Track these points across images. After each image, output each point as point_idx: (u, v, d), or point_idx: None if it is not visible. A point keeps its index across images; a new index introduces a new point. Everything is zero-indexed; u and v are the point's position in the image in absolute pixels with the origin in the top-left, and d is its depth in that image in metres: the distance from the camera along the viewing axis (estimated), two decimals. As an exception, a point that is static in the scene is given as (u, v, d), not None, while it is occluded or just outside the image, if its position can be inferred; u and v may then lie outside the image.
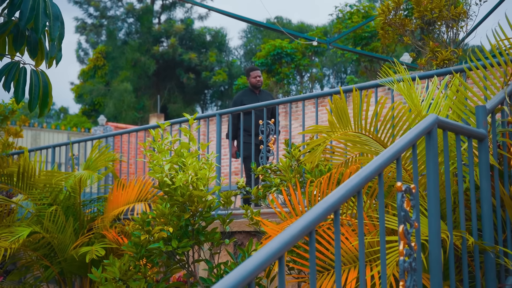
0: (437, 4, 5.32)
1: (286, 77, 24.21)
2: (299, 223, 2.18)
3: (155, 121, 23.17)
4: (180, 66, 33.85)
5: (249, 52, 36.67)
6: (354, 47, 19.68)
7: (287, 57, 23.61)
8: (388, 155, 2.69)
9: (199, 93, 36.15)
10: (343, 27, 21.27)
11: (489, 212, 3.50)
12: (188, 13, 35.40)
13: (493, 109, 3.71)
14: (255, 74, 8.30)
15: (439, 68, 5.33)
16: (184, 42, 34.74)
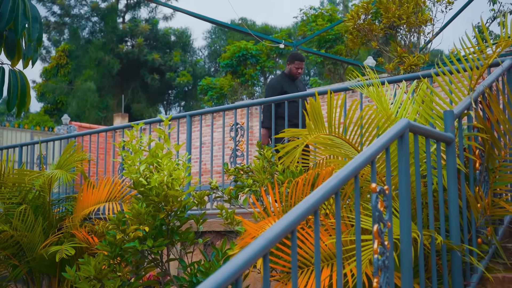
0: (405, 11, 5.48)
1: (250, 79, 24.33)
2: (282, 222, 2.28)
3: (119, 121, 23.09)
4: (144, 66, 33.76)
5: (214, 53, 36.74)
6: (318, 49, 19.87)
7: (252, 59, 23.73)
8: (363, 158, 2.81)
9: (162, 93, 36.09)
10: (308, 29, 21.47)
11: (455, 213, 3.65)
12: (153, 13, 35.34)
13: (460, 114, 3.86)
14: (299, 65, 7.75)
15: (406, 73, 5.48)
16: (149, 42, 34.65)
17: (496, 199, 4.01)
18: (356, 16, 5.71)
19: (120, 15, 35.69)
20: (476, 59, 4.24)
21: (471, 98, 4.04)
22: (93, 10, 34.65)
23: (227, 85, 24.70)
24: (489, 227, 4.07)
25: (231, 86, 24.56)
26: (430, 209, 3.48)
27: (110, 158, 10.44)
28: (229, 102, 24.57)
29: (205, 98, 26.07)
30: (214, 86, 25.55)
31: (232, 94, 24.89)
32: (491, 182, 4.12)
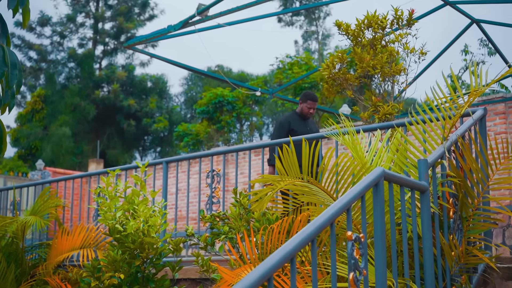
0: (379, 61, 5.58)
1: (227, 125, 24.42)
2: (259, 269, 2.29)
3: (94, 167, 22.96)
4: (120, 112, 33.77)
5: (190, 99, 36.89)
6: (294, 97, 20.05)
7: (228, 105, 23.86)
8: (339, 205, 2.85)
9: (138, 139, 36.04)
10: (284, 77, 21.68)
11: (430, 261, 3.68)
12: (129, 59, 35.50)
13: (433, 162, 3.92)
14: (312, 105, 7.30)
15: (381, 122, 5.57)
16: (125, 88, 34.73)
17: (470, 247, 4.05)
18: (331, 66, 5.81)
19: (97, 61, 35.81)
20: (449, 108, 4.33)
21: (444, 147, 4.11)
22: (70, 56, 34.73)
23: (203, 131, 24.75)
24: (463, 275, 4.10)
25: (207, 132, 24.62)
26: (405, 257, 3.51)
27: (85, 204, 10.37)
28: (205, 148, 24.59)
29: (181, 144, 26.07)
30: (190, 132, 25.59)
31: (208, 140, 24.93)
32: (465, 230, 4.17)
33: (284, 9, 31.91)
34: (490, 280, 4.54)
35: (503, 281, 4.56)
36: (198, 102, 25.19)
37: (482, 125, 4.90)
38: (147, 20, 35.64)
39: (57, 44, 35.21)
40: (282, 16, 35.34)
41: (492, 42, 10.76)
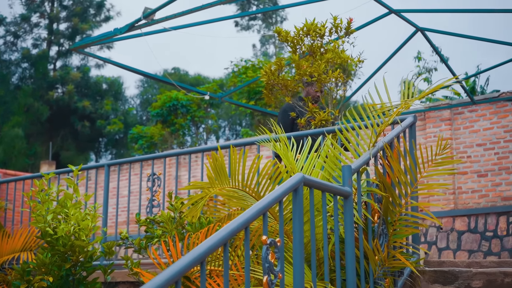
0: (316, 69, 5.69)
1: (181, 128, 24.40)
2: (165, 273, 2.35)
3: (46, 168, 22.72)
4: (75, 114, 33.46)
5: (146, 102, 36.73)
6: (248, 101, 20.17)
7: (183, 108, 23.85)
8: (254, 210, 2.92)
9: (93, 141, 35.75)
10: (238, 81, 21.78)
11: (352, 265, 3.78)
12: (84, 60, 35.20)
13: (358, 168, 4.03)
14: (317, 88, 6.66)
15: (317, 128, 5.67)
16: (80, 89, 34.42)
17: (393, 251, 4.17)
18: (269, 72, 5.90)
19: (52, 62, 35.41)
20: (377, 116, 4.45)
21: (370, 154, 4.22)
22: (24, 56, 34.30)
23: (157, 134, 24.69)
24: (388, 278, 4.22)
25: (161, 135, 24.56)
26: (326, 260, 3.61)
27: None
28: (159, 151, 24.53)
29: (136, 147, 25.96)
30: (145, 135, 25.50)
31: (162, 143, 24.88)
32: (390, 235, 4.29)
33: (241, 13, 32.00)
34: (416, 283, 4.68)
35: (429, 284, 4.70)
36: (153, 105, 25.12)
37: (412, 132, 5.04)
38: (103, 22, 35.39)
39: (11, 44, 34.74)
40: (239, 20, 35.45)
41: (437, 51, 11.00)
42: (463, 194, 12.14)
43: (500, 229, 11.43)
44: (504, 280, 4.46)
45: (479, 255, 11.44)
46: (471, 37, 10.74)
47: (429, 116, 12.62)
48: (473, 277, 4.58)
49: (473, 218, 11.80)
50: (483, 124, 12.12)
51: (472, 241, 11.65)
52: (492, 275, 4.53)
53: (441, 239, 12.04)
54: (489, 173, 11.93)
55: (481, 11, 10.39)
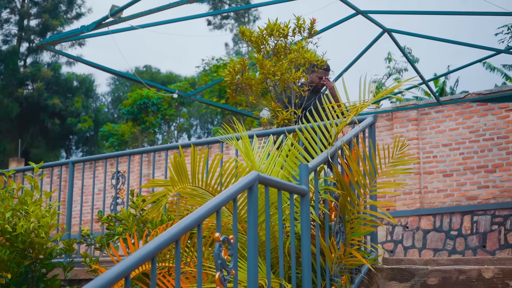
0: (279, 68, 5.75)
1: (152, 126, 24.35)
2: (114, 270, 2.39)
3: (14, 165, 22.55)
4: (45, 111, 33.19)
5: (117, 100, 36.56)
6: (219, 99, 20.20)
7: (153, 107, 23.80)
8: (208, 208, 2.97)
9: (63, 139, 35.48)
10: (209, 79, 21.79)
11: (308, 262, 3.84)
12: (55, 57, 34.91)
13: (315, 167, 4.09)
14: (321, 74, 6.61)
15: (280, 127, 5.73)
16: (51, 86, 34.14)
17: (349, 249, 4.24)
18: (233, 72, 5.95)
19: (22, 58, 35.06)
20: (336, 116, 4.52)
21: (327, 153, 4.29)
22: (-7, 52, 33.95)
23: (128, 132, 24.62)
24: (344, 275, 4.29)
25: (132, 133, 24.49)
26: (281, 257, 3.66)
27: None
28: (130, 148, 24.45)
29: (106, 144, 25.86)
30: (116, 133, 25.41)
31: (133, 141, 24.82)
32: (347, 233, 4.36)
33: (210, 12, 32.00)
34: (374, 281, 4.76)
35: (386, 281, 4.78)
36: (123, 103, 25.04)
37: (372, 132, 5.12)
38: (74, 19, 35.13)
39: (-20, 40, 34.37)
40: (211, 19, 35.42)
41: (403, 52, 11.12)
42: (429, 193, 12.30)
43: (465, 228, 11.61)
44: (459, 277, 4.56)
45: (443, 254, 11.61)
46: (438, 39, 10.88)
47: (396, 116, 12.77)
48: (429, 274, 4.67)
49: (438, 217, 11.96)
50: (449, 125, 12.30)
51: (437, 240, 11.82)
52: (448, 272, 4.62)
53: (407, 238, 12.19)
54: (454, 173, 12.10)
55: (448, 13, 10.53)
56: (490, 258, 5.13)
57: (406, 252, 12.05)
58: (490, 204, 11.49)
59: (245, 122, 20.13)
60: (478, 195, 11.75)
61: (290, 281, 3.82)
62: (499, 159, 11.69)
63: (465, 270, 4.56)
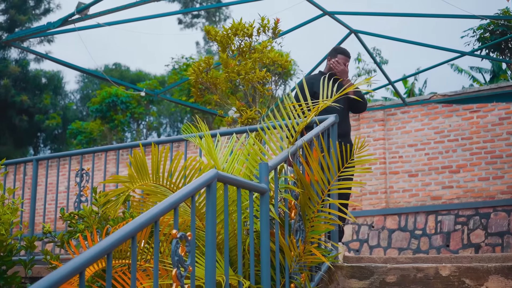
0: (243, 68, 5.80)
1: (121, 125, 24.24)
2: (68, 265, 2.40)
3: (-20, 163, 22.30)
4: (12, 108, 32.83)
5: (86, 97, 36.31)
6: (188, 98, 20.16)
7: (122, 105, 23.69)
8: (165, 205, 2.99)
9: (31, 136, 35.13)
10: (179, 78, 21.75)
11: (267, 259, 3.89)
12: (23, 53, 34.55)
13: (275, 166, 4.14)
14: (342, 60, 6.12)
15: (244, 126, 5.78)
16: (18, 83, 33.78)
17: (309, 246, 4.30)
18: (197, 71, 5.98)
19: (-11, 54, 34.68)
20: (297, 115, 4.57)
21: (288, 152, 4.34)
22: (-40, 48, 33.51)
23: (96, 130, 24.49)
24: (304, 273, 4.35)
25: (100, 131, 24.36)
26: (239, 254, 3.70)
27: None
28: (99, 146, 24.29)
29: (74, 142, 25.69)
30: (84, 131, 25.26)
31: (102, 139, 24.69)
32: (307, 231, 4.42)
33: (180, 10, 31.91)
34: (334, 278, 4.83)
35: (346, 279, 4.85)
36: (92, 100, 24.89)
37: (334, 131, 5.18)
38: (42, 14, 34.79)
39: None
40: (182, 18, 35.34)
41: (370, 53, 11.23)
42: (395, 193, 12.45)
43: (429, 227, 11.76)
44: (416, 275, 4.64)
45: (408, 253, 11.75)
46: (405, 41, 11.01)
47: (363, 117, 12.89)
48: (387, 272, 4.75)
49: (403, 216, 12.11)
50: (414, 126, 12.45)
51: (402, 239, 11.96)
52: (406, 270, 4.70)
53: (373, 237, 12.32)
54: (419, 173, 12.25)
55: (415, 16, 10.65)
56: (448, 257, 5.23)
57: (371, 251, 12.17)
58: (454, 204, 11.67)
59: (214, 121, 20.14)
60: (442, 195, 11.92)
61: (249, 278, 3.86)
62: (463, 160, 11.87)
63: (423, 268, 4.64)
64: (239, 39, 6.06)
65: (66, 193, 14.64)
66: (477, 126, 11.82)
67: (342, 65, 6.02)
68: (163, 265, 4.01)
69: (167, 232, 4.13)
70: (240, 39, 5.99)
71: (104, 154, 6.43)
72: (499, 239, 11.04)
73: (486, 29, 15.85)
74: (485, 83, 21.94)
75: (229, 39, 6.04)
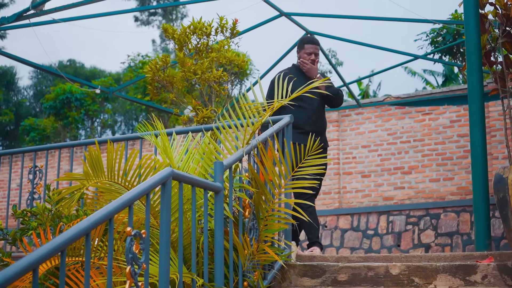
0: (200, 67, 5.82)
1: (75, 122, 23.98)
2: (21, 262, 2.41)
3: None
4: (-36, 103, 32.25)
5: (39, 94, 35.80)
6: (143, 96, 20.07)
7: (77, 102, 23.44)
8: (119, 202, 3.01)
9: (-17, 132, 34.53)
10: (135, 76, 21.62)
11: (220, 257, 3.92)
12: (-25, 48, 33.94)
13: (230, 165, 4.18)
14: (313, 50, 5.89)
15: (200, 125, 5.80)
16: (-30, 78, 33.20)
17: (262, 245, 4.35)
18: (154, 68, 5.98)
19: None
20: (253, 116, 4.62)
21: (243, 152, 4.39)
22: None
23: (50, 126, 24.18)
24: (257, 271, 4.40)
25: (54, 128, 24.06)
26: (193, 252, 3.73)
27: None
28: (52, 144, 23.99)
29: (27, 139, 25.32)
30: (37, 127, 24.91)
31: (55, 136, 24.39)
32: (260, 229, 4.47)
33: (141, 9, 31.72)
34: (286, 277, 4.89)
35: (299, 277, 4.91)
36: (46, 97, 24.55)
37: (288, 132, 5.23)
38: (-4, 9, 34.24)
39: None
40: (139, 15, 35.14)
41: (325, 54, 11.35)
42: (348, 193, 12.60)
43: (381, 227, 11.94)
44: (367, 273, 4.73)
45: (360, 253, 11.91)
46: (359, 43, 11.17)
47: (317, 117, 13.00)
48: (339, 271, 4.82)
49: (356, 216, 12.27)
50: (368, 127, 12.62)
51: (355, 239, 12.12)
52: (357, 269, 4.78)
53: (326, 237, 12.45)
54: (372, 174, 12.43)
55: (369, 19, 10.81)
56: (398, 256, 5.34)
57: (324, 251, 12.30)
58: (405, 204, 11.87)
59: (170, 119, 20.08)
60: (394, 196, 12.12)
61: (203, 276, 3.89)
62: (415, 161, 12.08)
63: (374, 267, 4.73)
64: (196, 38, 6.07)
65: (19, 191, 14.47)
66: (429, 129, 12.04)
67: (308, 64, 5.85)
68: (117, 262, 4.02)
69: (120, 230, 4.14)
70: (197, 38, 6.01)
71: (58, 152, 6.38)
72: (448, 239, 11.27)
73: (439, 33, 16.16)
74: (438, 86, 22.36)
75: (187, 37, 6.05)
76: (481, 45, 6.27)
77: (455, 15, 15.56)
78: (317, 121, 6.01)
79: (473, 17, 6.34)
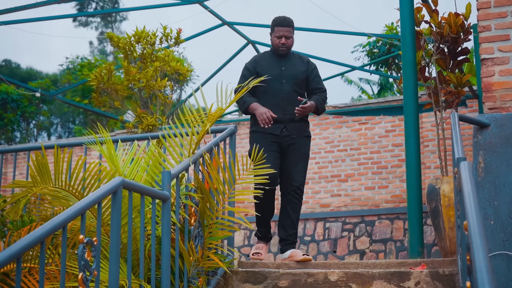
0: (145, 75, 5.91)
1: (10, 123, 23.58)
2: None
3: None
4: None
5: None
6: (82, 99, 19.92)
7: (13, 103, 23.05)
8: (73, 211, 3.09)
9: None
10: (73, 78, 21.43)
11: (167, 264, 4.03)
12: None
13: (177, 174, 4.30)
14: (282, 33, 5.50)
15: (144, 133, 5.89)
16: None
17: (207, 252, 4.48)
18: (99, 76, 6.04)
19: None
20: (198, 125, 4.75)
21: (190, 161, 4.51)
22: None
23: (-16, 128, 23.72)
24: (201, 277, 4.52)
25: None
26: (141, 259, 3.84)
27: None
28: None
29: (-40, 140, 24.76)
30: (-30, 129, 24.40)
31: (-11, 138, 23.94)
32: (205, 237, 4.60)
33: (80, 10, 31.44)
34: (229, 283, 5.02)
35: (241, 283, 5.06)
36: (-20, 98, 24.06)
37: (232, 141, 5.38)
38: None
39: None
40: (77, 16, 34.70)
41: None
42: (286, 200, 12.79)
43: (317, 234, 12.19)
44: (307, 280, 4.91)
45: (297, 258, 12.11)
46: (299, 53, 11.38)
47: (257, 125, 13.18)
48: (280, 277, 4.99)
49: (293, 223, 12.47)
50: (306, 135, 12.86)
51: (292, 245, 12.31)
52: (297, 275, 4.96)
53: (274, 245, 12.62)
54: (310, 181, 12.67)
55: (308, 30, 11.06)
56: (336, 263, 5.53)
57: (262, 256, 12.45)
58: (342, 211, 12.16)
59: (108, 123, 19.97)
60: (331, 203, 12.40)
61: (150, 282, 3.99)
62: (351, 169, 12.39)
63: (313, 274, 4.92)
64: (141, 47, 6.16)
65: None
66: (365, 138, 12.38)
67: (300, 112, 5.47)
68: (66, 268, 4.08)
69: (69, 236, 4.20)
70: (142, 47, 6.10)
71: (1, 156, 6.35)
72: (382, 246, 11.60)
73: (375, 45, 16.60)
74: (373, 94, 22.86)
75: (132, 46, 6.13)
76: (416, 61, 6.55)
77: (390, 27, 16.03)
78: (286, 108, 5.53)
79: (409, 34, 6.63)
